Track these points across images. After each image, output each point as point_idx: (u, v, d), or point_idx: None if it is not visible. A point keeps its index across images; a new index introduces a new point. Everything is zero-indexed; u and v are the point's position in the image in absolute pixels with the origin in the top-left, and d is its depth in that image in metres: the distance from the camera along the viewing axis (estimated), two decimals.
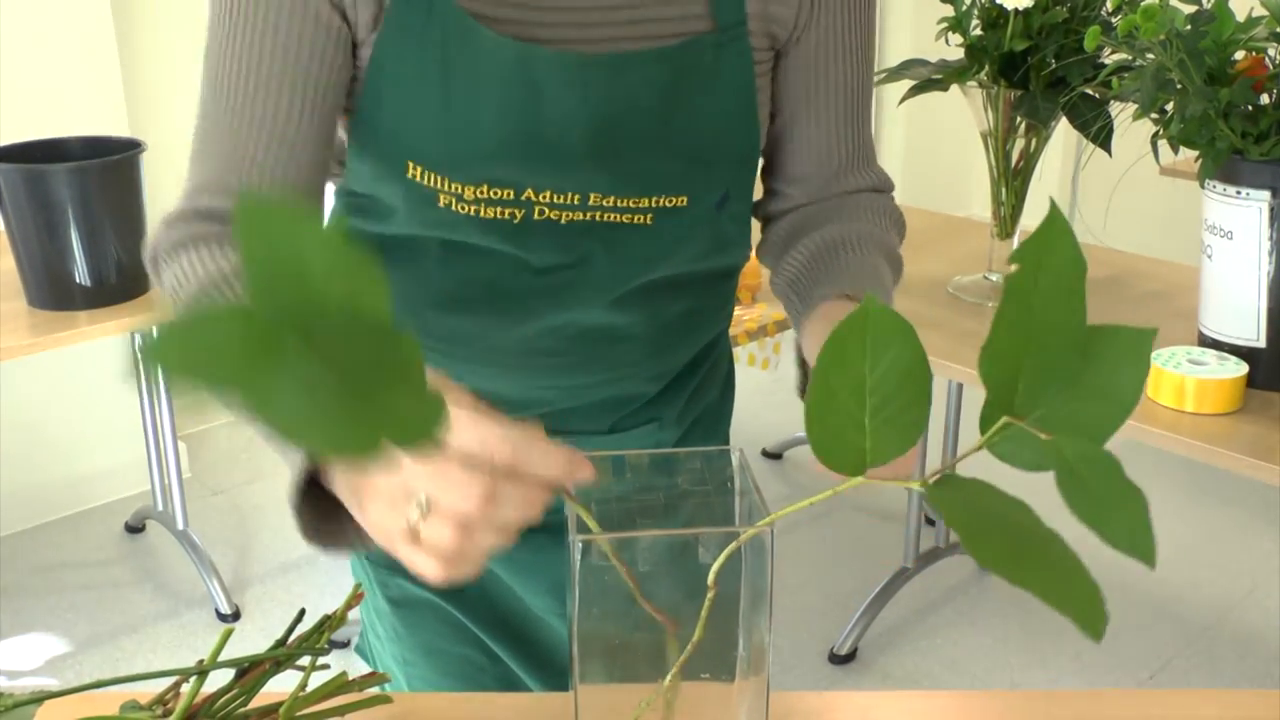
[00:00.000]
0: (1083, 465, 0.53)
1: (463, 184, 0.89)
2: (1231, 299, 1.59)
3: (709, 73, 0.91)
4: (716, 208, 0.96)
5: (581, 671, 0.68)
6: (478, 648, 1.14)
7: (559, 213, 0.92)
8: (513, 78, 0.86)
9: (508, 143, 0.88)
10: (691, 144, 0.92)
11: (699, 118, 0.91)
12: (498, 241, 0.93)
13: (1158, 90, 1.50)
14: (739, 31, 0.91)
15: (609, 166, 0.90)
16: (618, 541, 0.65)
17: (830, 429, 0.56)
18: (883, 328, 0.56)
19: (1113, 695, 0.90)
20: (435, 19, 0.86)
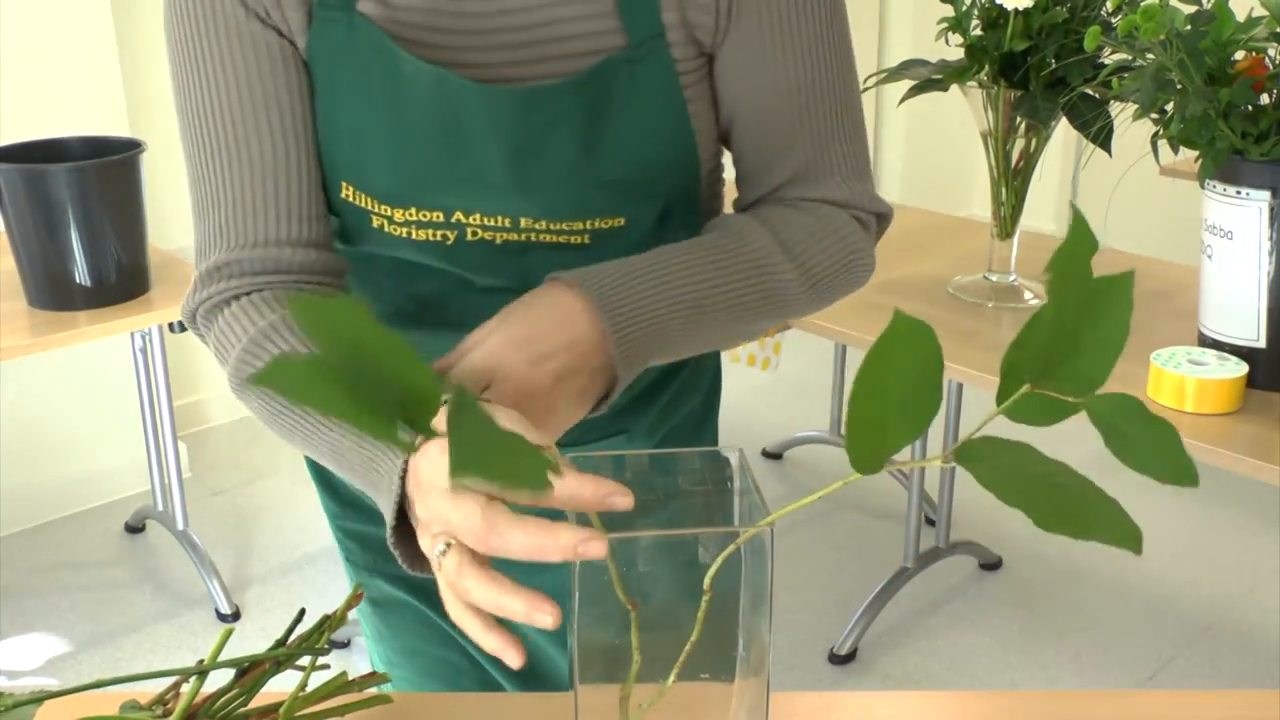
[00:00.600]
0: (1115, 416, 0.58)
1: (391, 207, 0.88)
2: (1231, 299, 1.59)
3: (627, 92, 0.87)
4: (659, 223, 0.92)
5: (581, 671, 0.68)
6: (456, 650, 1.14)
7: (492, 234, 0.90)
8: (430, 104, 0.85)
9: (428, 168, 0.87)
10: (619, 166, 0.88)
11: (623, 140, 0.87)
12: (435, 261, 0.92)
13: (1158, 90, 1.50)
14: (656, 45, 0.86)
15: (533, 195, 0.88)
16: (616, 541, 0.65)
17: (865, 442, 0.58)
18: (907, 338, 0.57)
19: (1113, 695, 0.90)
20: (356, 41, 0.85)
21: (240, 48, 0.85)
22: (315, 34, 0.85)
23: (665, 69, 0.87)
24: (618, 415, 1.03)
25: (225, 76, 0.86)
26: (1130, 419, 0.57)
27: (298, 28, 0.86)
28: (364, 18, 0.84)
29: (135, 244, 2.09)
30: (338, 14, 0.84)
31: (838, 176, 0.95)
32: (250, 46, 0.85)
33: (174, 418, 2.62)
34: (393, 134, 0.86)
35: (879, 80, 1.92)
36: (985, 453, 0.58)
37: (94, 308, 2.06)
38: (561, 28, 0.85)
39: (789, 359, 2.80)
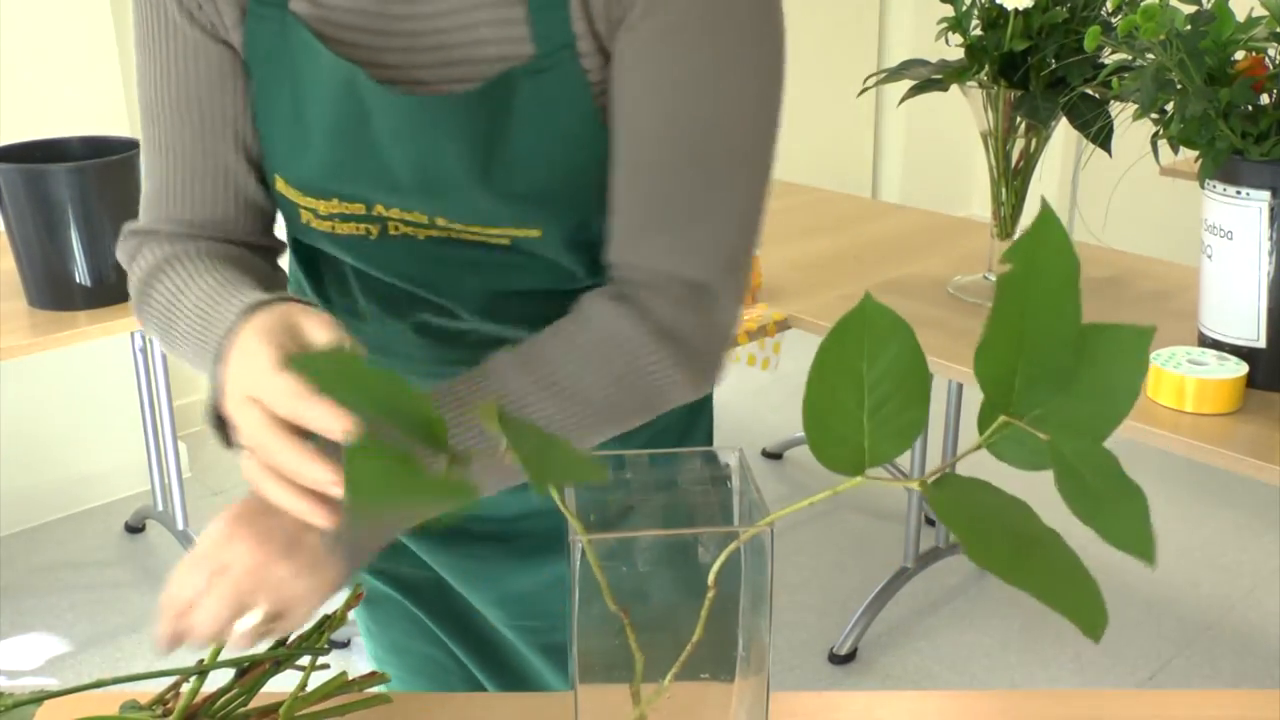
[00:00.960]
0: (1081, 464, 0.53)
1: (315, 199, 0.90)
2: (1231, 299, 1.59)
3: (531, 103, 0.84)
4: (579, 230, 0.89)
5: (581, 671, 0.68)
6: (441, 648, 1.14)
7: (413, 229, 0.90)
8: (345, 100, 0.86)
9: (345, 162, 0.88)
10: (525, 179, 0.86)
11: (527, 152, 0.85)
12: (361, 259, 0.94)
13: (1158, 90, 1.50)
14: (564, 55, 0.83)
15: (441, 201, 0.88)
16: (616, 541, 0.65)
17: (829, 427, 0.56)
18: (881, 326, 0.56)
19: (1113, 695, 0.90)
20: (287, 34, 0.87)
21: (173, 44, 0.89)
22: (250, 30, 0.88)
23: (574, 79, 0.84)
24: None
25: (158, 70, 0.90)
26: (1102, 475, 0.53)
27: (231, 23, 0.88)
28: (295, 16, 0.86)
29: None
30: (271, 11, 0.87)
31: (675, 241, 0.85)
32: (181, 43, 0.89)
33: (174, 418, 2.62)
34: (313, 126, 0.88)
35: (879, 80, 1.92)
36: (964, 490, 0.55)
37: (94, 308, 2.05)
38: (476, 32, 0.84)
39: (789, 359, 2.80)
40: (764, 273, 2.10)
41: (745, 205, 0.86)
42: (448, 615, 1.12)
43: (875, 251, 2.26)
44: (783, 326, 1.97)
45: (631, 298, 0.86)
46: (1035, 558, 0.52)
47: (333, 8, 0.86)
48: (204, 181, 0.92)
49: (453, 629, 1.13)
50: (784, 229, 2.40)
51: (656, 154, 0.83)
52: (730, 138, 0.83)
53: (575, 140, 0.85)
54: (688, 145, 0.83)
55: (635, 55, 0.82)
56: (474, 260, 0.91)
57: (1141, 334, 0.55)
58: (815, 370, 0.56)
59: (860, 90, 2.03)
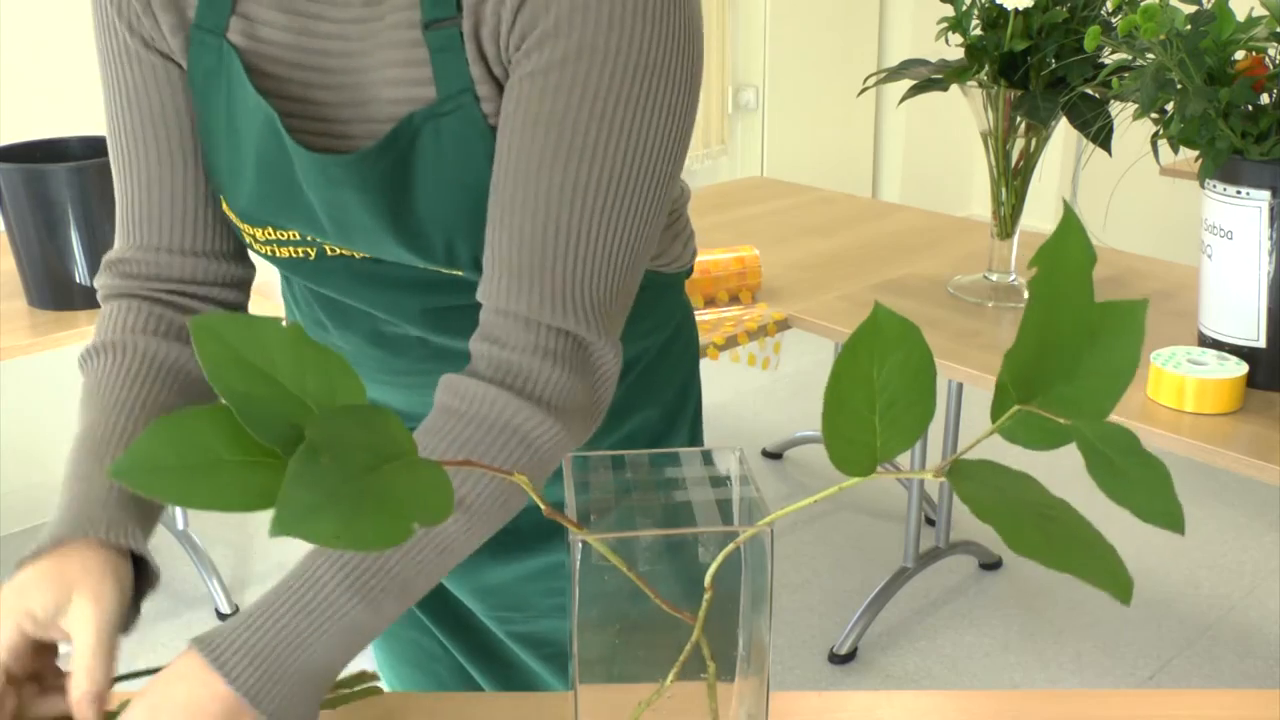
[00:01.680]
0: (1106, 445, 0.55)
1: (251, 226, 0.91)
2: (1231, 299, 1.59)
3: (434, 148, 0.83)
4: None
5: (581, 671, 0.68)
6: (428, 634, 1.15)
7: (349, 252, 0.91)
8: (268, 138, 0.86)
9: (272, 195, 0.88)
10: (434, 225, 0.85)
11: (438, 197, 0.84)
12: (299, 276, 0.95)
13: (1158, 90, 1.50)
14: (464, 99, 0.81)
15: (359, 245, 0.89)
16: (616, 541, 0.65)
17: (844, 434, 0.57)
18: (890, 331, 0.57)
19: (1113, 695, 0.90)
20: (224, 62, 0.87)
21: (130, 68, 0.91)
22: (192, 57, 0.88)
23: (474, 123, 0.82)
24: None
25: (117, 94, 0.92)
26: (1124, 453, 0.55)
27: (178, 49, 0.89)
28: (231, 45, 0.86)
29: None
30: (210, 39, 0.87)
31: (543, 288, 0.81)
32: (138, 67, 0.90)
33: None
34: (246, 158, 0.88)
35: (879, 80, 1.93)
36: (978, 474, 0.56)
37: (94, 308, 2.05)
38: (384, 73, 0.84)
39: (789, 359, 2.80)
40: (764, 273, 2.10)
41: (618, 252, 0.82)
42: (434, 603, 1.13)
43: (875, 251, 2.26)
44: (783, 326, 1.97)
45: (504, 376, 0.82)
46: (1060, 533, 0.54)
47: (264, 40, 0.86)
48: (170, 203, 0.92)
49: (439, 617, 1.14)
50: (784, 229, 2.40)
51: (526, 195, 0.80)
52: (604, 181, 0.80)
53: (481, 183, 0.83)
54: (556, 188, 0.80)
55: (511, 94, 0.80)
56: (410, 280, 0.91)
57: (1138, 307, 0.57)
58: (832, 380, 0.57)
59: (860, 90, 2.03)
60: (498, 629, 1.12)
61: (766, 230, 2.39)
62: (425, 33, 0.81)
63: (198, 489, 0.54)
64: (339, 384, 0.57)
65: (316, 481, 0.52)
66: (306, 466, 0.52)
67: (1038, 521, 0.54)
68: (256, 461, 0.55)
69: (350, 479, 0.53)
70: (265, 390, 0.56)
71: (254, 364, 0.56)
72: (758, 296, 2.04)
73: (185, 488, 0.54)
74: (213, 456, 0.55)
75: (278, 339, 0.57)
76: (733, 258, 2.03)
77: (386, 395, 1.03)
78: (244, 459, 0.55)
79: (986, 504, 0.54)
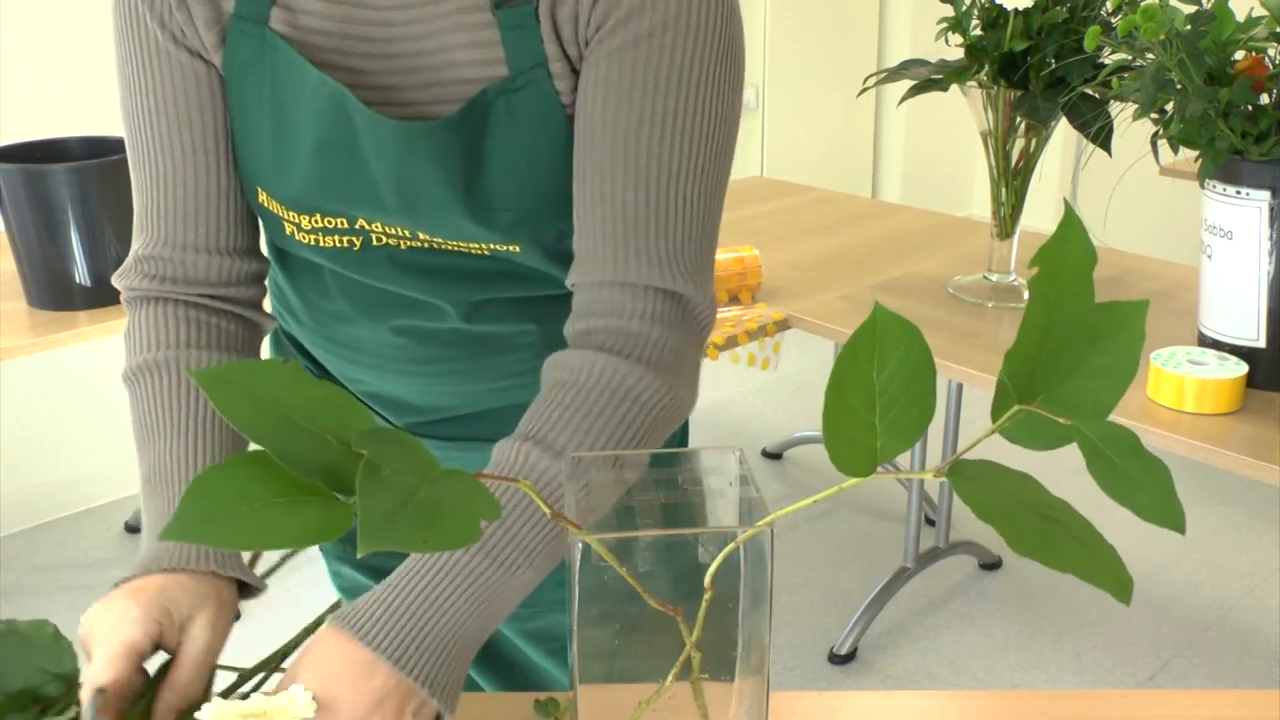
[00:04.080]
0: (1106, 444, 0.55)
1: (298, 214, 0.92)
2: (1231, 299, 1.59)
3: (506, 123, 0.86)
4: (558, 241, 0.92)
5: (581, 671, 0.68)
6: None
7: (396, 240, 0.92)
8: (331, 117, 0.87)
9: (330, 178, 0.89)
10: (505, 201, 0.88)
11: (508, 174, 0.87)
12: (346, 267, 0.95)
13: (1158, 90, 1.50)
14: (537, 75, 0.85)
15: (420, 220, 0.90)
16: (617, 541, 0.65)
17: (844, 434, 0.57)
18: (890, 332, 0.57)
19: (1113, 695, 0.90)
20: (267, 55, 0.88)
21: (158, 65, 0.90)
22: (229, 49, 0.89)
23: (546, 99, 0.86)
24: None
25: (141, 91, 0.91)
26: (1125, 453, 0.55)
27: (211, 45, 0.89)
28: (275, 33, 0.87)
29: None
30: (251, 28, 0.88)
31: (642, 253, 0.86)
32: (167, 64, 0.90)
33: None
34: (298, 143, 0.89)
35: (879, 80, 1.93)
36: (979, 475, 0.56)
37: (94, 308, 2.05)
38: (452, 54, 0.86)
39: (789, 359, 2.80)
40: (764, 273, 2.10)
41: (706, 211, 0.87)
42: None
43: (875, 251, 2.26)
44: (783, 326, 1.97)
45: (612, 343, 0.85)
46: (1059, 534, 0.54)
47: (311, 30, 0.87)
48: (196, 200, 0.92)
49: None
50: (784, 229, 2.40)
51: (622, 165, 0.84)
52: (691, 145, 0.85)
53: (550, 160, 0.87)
54: (651, 155, 0.84)
55: (598, 70, 0.84)
56: (456, 269, 0.93)
57: (1138, 308, 0.58)
58: (832, 381, 0.57)
59: (860, 90, 2.03)
60: (505, 626, 1.13)
61: (766, 230, 2.39)
62: (497, 12, 0.84)
63: (251, 532, 0.55)
64: (348, 416, 0.59)
65: (388, 492, 0.53)
66: (374, 480, 0.53)
67: (1038, 522, 0.54)
68: (302, 499, 0.56)
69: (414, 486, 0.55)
70: (288, 430, 0.57)
71: (269, 407, 0.57)
72: (757, 296, 2.04)
73: (239, 533, 0.55)
74: (261, 500, 0.56)
75: (282, 379, 0.58)
76: (733, 258, 2.03)
77: (400, 386, 1.03)
78: (290, 498, 0.56)
79: (987, 504, 0.54)
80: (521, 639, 1.13)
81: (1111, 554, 0.54)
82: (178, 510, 0.56)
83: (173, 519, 0.55)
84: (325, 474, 0.57)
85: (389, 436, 0.57)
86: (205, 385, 0.57)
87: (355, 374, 1.04)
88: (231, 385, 0.58)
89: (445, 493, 0.56)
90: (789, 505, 0.61)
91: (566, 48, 0.85)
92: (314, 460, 0.57)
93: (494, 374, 1.01)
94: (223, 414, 0.57)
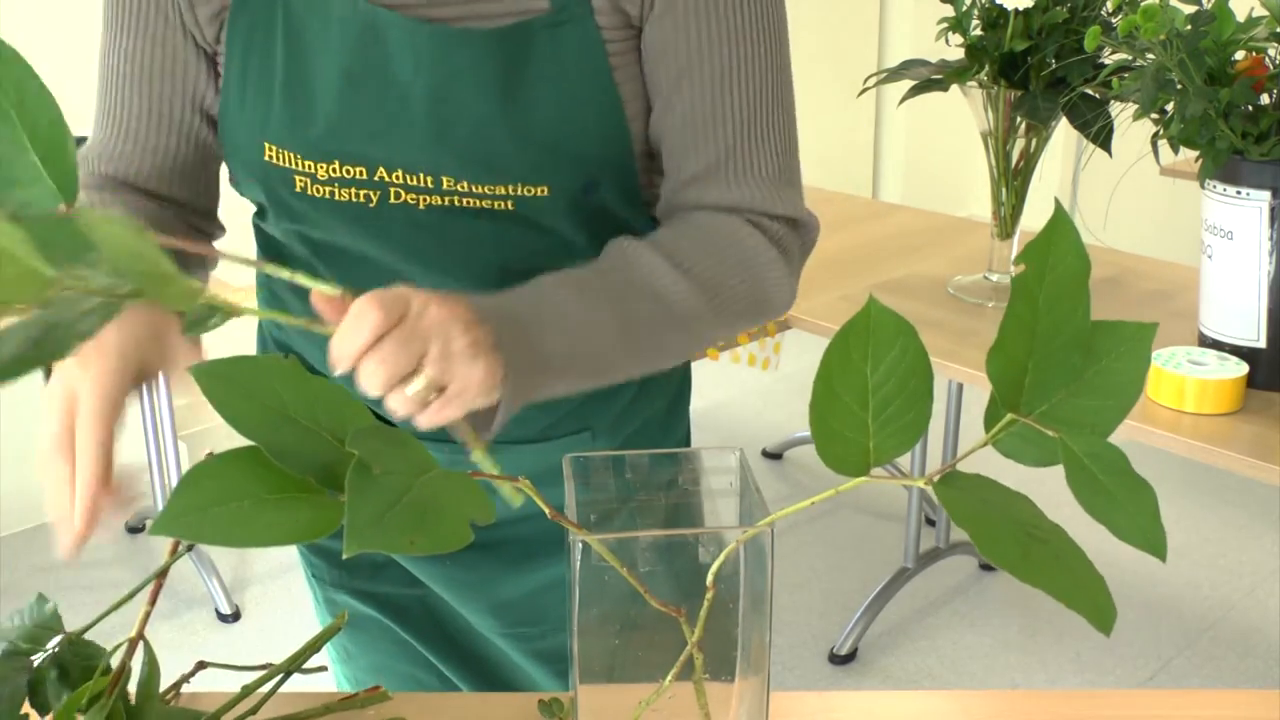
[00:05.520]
0: (1091, 460, 0.54)
1: (315, 162, 0.89)
2: (1231, 299, 1.59)
3: (547, 55, 0.86)
4: (584, 194, 0.91)
5: (581, 671, 0.68)
6: (425, 667, 1.13)
7: (415, 196, 0.90)
8: (359, 40, 0.86)
9: (353, 109, 0.88)
10: (537, 129, 0.87)
11: (544, 103, 0.87)
12: (357, 232, 0.92)
13: (1158, 90, 1.50)
14: (579, 13, 0.86)
15: (453, 146, 0.88)
16: (617, 541, 0.65)
17: (834, 431, 0.56)
18: (884, 329, 0.56)
19: (1113, 695, 0.90)
20: (276, 7, 0.87)
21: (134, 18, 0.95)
22: (234, 11, 0.89)
23: (588, 36, 0.87)
24: (579, 412, 1.01)
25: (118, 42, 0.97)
26: (1112, 471, 0.54)
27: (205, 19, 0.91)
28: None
29: None
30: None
31: (751, 177, 0.91)
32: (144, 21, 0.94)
33: (174, 418, 2.62)
34: (320, 82, 0.88)
35: (879, 80, 1.92)
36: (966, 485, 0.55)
37: None
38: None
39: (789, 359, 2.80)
40: None
41: (793, 136, 0.94)
42: (435, 633, 1.11)
43: (875, 251, 2.26)
44: (783, 326, 1.97)
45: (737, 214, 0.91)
46: (1042, 553, 0.53)
47: None
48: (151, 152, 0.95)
49: (440, 647, 1.12)
50: None
51: (721, 101, 0.89)
52: (779, 76, 0.91)
53: (587, 96, 0.88)
54: (752, 89, 0.90)
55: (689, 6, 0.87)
56: (473, 233, 0.91)
57: (1144, 330, 0.57)
58: (821, 373, 0.56)
59: (860, 90, 2.03)
60: (512, 648, 1.11)
61: None
62: None
63: (243, 530, 0.55)
64: (346, 413, 0.58)
65: (377, 492, 0.53)
66: (364, 480, 0.53)
67: (1021, 539, 0.53)
68: (294, 496, 0.56)
69: (405, 487, 0.54)
70: (284, 426, 0.57)
71: (265, 403, 0.57)
72: None
73: (230, 529, 0.55)
74: (252, 496, 0.55)
75: (281, 375, 0.58)
76: None
77: None
78: (281, 495, 0.56)
79: (964, 512, 0.53)
80: (530, 660, 1.11)
81: (1096, 580, 0.52)
82: (168, 504, 0.56)
83: (162, 513, 0.55)
84: (319, 471, 0.56)
85: (386, 435, 0.57)
86: (200, 380, 0.57)
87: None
88: (228, 381, 0.58)
89: (436, 494, 0.55)
90: (789, 505, 0.60)
91: None
92: (308, 457, 0.57)
93: None
94: (217, 409, 0.57)
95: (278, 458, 0.56)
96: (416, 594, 1.10)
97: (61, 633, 0.77)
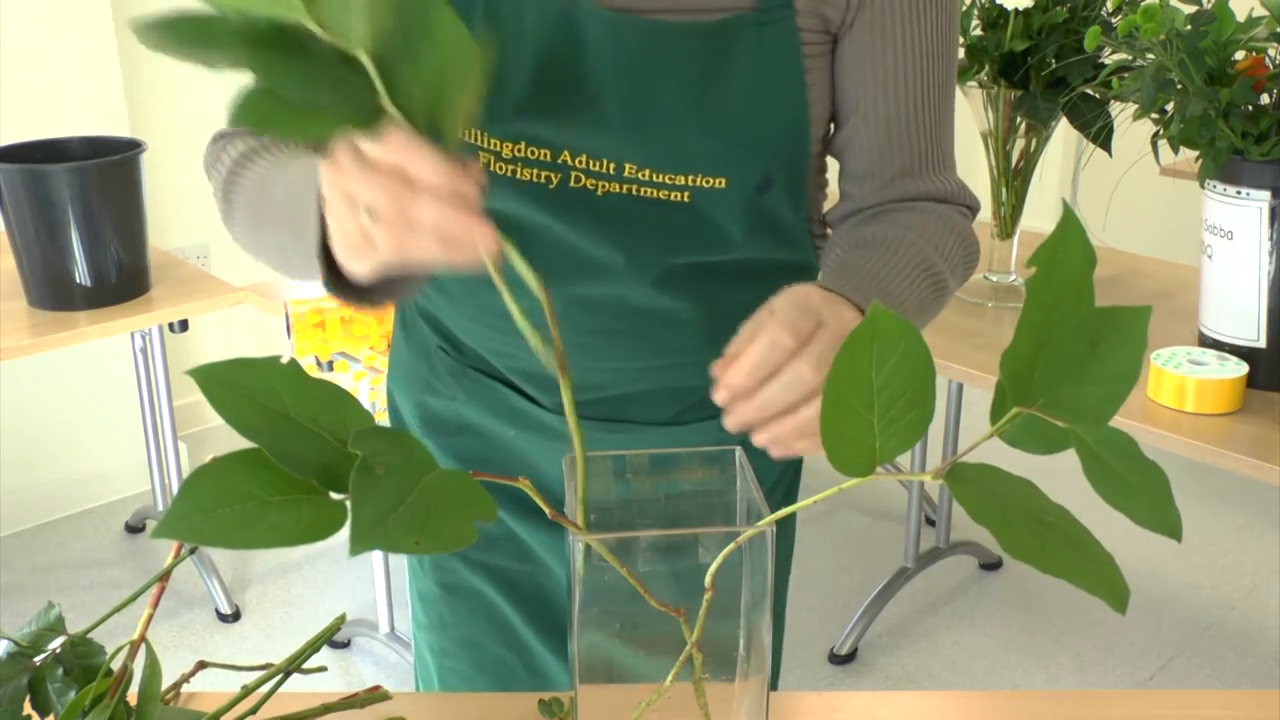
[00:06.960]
0: (1104, 449, 0.55)
1: (500, 140, 0.91)
2: (1231, 299, 1.59)
3: (749, 52, 0.90)
4: (758, 192, 0.94)
5: (582, 672, 0.68)
6: (517, 652, 1.12)
7: (595, 182, 0.92)
8: (555, 28, 0.88)
9: (543, 94, 0.89)
10: (727, 122, 0.91)
11: (736, 96, 0.90)
12: (536, 210, 0.93)
13: (1158, 90, 1.50)
14: (783, 14, 0.90)
15: (641, 135, 0.90)
16: (617, 541, 0.65)
17: (842, 435, 0.57)
18: (889, 332, 0.56)
19: (1113, 695, 0.90)
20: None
21: None
22: None
23: (788, 38, 0.90)
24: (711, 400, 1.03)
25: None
26: (1122, 458, 0.55)
27: None
28: None
29: (135, 244, 2.09)
30: None
31: (943, 169, 1.00)
32: None
33: (174, 418, 2.62)
34: (515, 66, 0.89)
35: None
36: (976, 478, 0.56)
37: (94, 308, 2.06)
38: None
39: None
40: None
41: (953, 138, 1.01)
42: (542, 611, 1.11)
43: None
44: None
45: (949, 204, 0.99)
46: (1056, 540, 0.54)
47: None
48: None
49: (545, 625, 1.11)
50: None
51: (923, 101, 0.96)
52: (953, 70, 0.99)
53: (778, 94, 0.91)
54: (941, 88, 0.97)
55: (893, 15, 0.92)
56: (648, 221, 0.93)
57: (1139, 314, 0.58)
58: (829, 383, 0.57)
59: None
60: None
61: None
62: None
63: (246, 532, 0.55)
64: (347, 413, 0.58)
65: (381, 493, 0.53)
66: (367, 481, 0.53)
67: (1034, 527, 0.54)
68: (296, 498, 0.56)
69: (409, 487, 0.54)
70: (286, 428, 0.57)
71: (267, 405, 0.57)
72: None
73: (233, 532, 0.55)
74: (254, 499, 0.56)
75: (281, 377, 0.58)
76: None
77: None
78: (284, 496, 0.56)
79: (983, 508, 0.54)
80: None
81: (1108, 561, 0.53)
82: (170, 508, 0.55)
83: (165, 517, 0.55)
84: (321, 472, 0.57)
85: (387, 436, 0.57)
86: (202, 384, 0.57)
87: (504, 347, 1.02)
88: (228, 385, 0.58)
89: (440, 494, 0.55)
90: (789, 506, 0.60)
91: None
92: (310, 458, 0.57)
93: (652, 351, 0.99)
94: (219, 412, 0.57)
95: (279, 459, 0.56)
96: (527, 569, 1.10)
97: (63, 634, 0.77)
